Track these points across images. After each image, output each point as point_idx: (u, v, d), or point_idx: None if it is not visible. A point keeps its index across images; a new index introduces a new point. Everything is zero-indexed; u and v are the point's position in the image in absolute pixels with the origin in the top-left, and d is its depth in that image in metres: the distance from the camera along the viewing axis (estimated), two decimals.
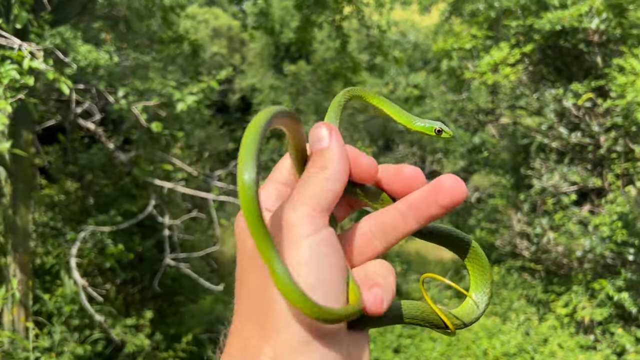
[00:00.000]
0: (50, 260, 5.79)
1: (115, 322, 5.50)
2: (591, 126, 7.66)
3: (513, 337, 7.03)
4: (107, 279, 6.40)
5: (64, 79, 3.67)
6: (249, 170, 0.48)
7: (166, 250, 5.76)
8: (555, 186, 8.02)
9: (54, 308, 5.44)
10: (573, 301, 7.54)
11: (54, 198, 6.19)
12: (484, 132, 11.37)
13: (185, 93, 5.01)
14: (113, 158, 5.94)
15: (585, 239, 7.44)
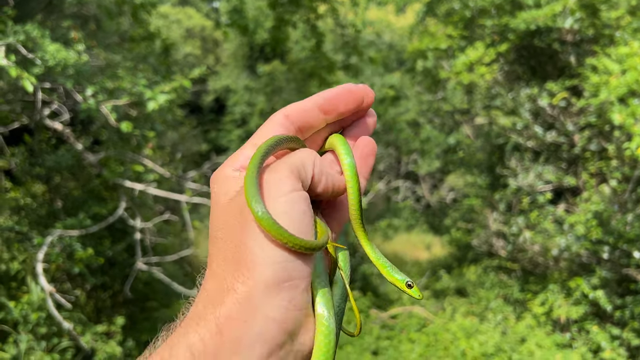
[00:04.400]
0: (16, 266, 5.55)
1: (85, 329, 5.30)
2: (566, 125, 7.71)
3: (491, 337, 7.02)
4: (77, 284, 6.18)
5: (27, 76, 3.50)
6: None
7: (138, 254, 5.57)
8: (530, 185, 8.06)
9: (19, 316, 5.21)
10: (549, 300, 7.57)
11: (20, 201, 5.95)
12: (459, 133, 11.41)
13: (156, 92, 4.85)
14: (82, 159, 5.74)
15: (560, 238, 7.48)
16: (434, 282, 9.76)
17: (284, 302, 0.55)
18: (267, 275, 0.55)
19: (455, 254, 10.78)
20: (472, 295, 8.73)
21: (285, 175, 0.59)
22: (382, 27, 16.33)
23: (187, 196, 5.42)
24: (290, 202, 0.58)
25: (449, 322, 7.59)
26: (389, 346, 6.85)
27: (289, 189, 0.59)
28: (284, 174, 0.59)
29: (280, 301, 0.55)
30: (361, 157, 0.71)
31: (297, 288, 0.56)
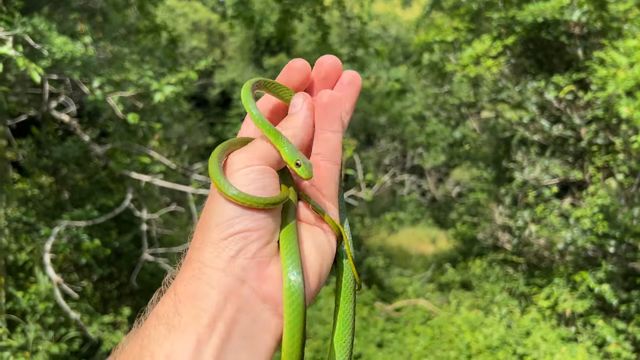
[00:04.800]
0: (24, 256, 5.60)
1: (92, 320, 5.34)
2: (572, 119, 7.67)
3: (496, 330, 7.03)
4: (84, 275, 6.23)
5: (34, 66, 3.51)
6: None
7: (144, 245, 5.60)
8: (536, 179, 8.04)
9: (27, 306, 5.26)
10: (554, 293, 7.56)
11: (27, 192, 5.99)
12: (464, 127, 11.38)
13: (163, 83, 4.86)
14: (88, 151, 5.76)
15: (566, 232, 7.46)
16: (439, 275, 9.77)
17: (231, 252, 0.62)
18: (214, 232, 0.62)
19: (461, 248, 10.77)
20: (477, 288, 8.73)
21: (246, 154, 0.68)
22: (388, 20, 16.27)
23: (194, 188, 5.44)
24: (249, 173, 0.65)
25: (454, 315, 7.60)
26: (393, 339, 6.87)
27: (248, 163, 0.66)
28: (245, 153, 0.68)
29: (228, 252, 0.62)
30: (342, 89, 0.77)
31: (247, 239, 0.63)
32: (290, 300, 0.62)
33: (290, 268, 0.63)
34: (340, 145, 0.73)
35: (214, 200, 0.65)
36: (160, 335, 0.58)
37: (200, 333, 0.58)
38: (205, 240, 0.63)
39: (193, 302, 0.60)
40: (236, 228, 0.63)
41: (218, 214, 0.63)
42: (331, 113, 0.73)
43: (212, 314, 0.59)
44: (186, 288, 0.61)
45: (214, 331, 0.59)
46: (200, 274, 0.61)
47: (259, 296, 0.63)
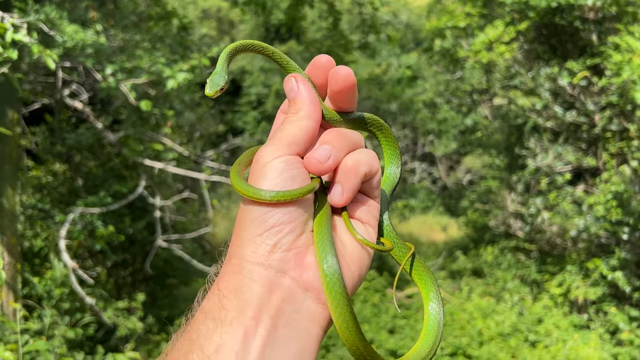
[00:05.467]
0: (39, 242, 5.66)
1: (107, 305, 5.40)
2: (586, 105, 7.60)
3: (507, 317, 7.02)
4: (98, 261, 6.29)
5: (49, 53, 3.53)
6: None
7: (157, 231, 5.64)
8: (549, 166, 7.98)
9: (43, 291, 5.33)
10: (567, 281, 7.54)
11: (42, 180, 6.04)
12: (476, 114, 11.30)
13: (175, 70, 4.86)
14: (102, 138, 5.79)
15: (579, 219, 7.41)
16: (450, 263, 9.76)
17: (267, 246, 0.64)
18: (250, 229, 0.65)
19: (472, 235, 10.74)
20: (488, 276, 8.72)
21: (271, 146, 0.69)
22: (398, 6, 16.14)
23: (206, 175, 5.46)
24: (278, 164, 0.67)
25: (466, 302, 7.60)
26: (405, 325, 6.89)
27: (275, 154, 0.67)
28: (271, 146, 0.69)
29: (264, 247, 0.64)
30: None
31: (282, 232, 0.65)
32: (329, 287, 0.64)
33: (323, 255, 0.65)
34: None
35: (245, 200, 0.67)
36: (209, 329, 0.60)
37: (246, 325, 0.60)
38: (242, 237, 0.65)
39: (237, 295, 0.62)
40: (270, 223, 0.64)
41: (251, 211, 0.65)
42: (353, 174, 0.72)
43: (256, 306, 0.61)
44: (229, 283, 0.63)
45: (260, 323, 0.60)
46: (241, 268, 0.64)
47: (300, 286, 0.64)
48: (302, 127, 0.69)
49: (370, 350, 0.65)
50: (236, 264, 0.64)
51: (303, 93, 0.71)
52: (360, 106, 13.08)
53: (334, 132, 0.72)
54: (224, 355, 0.58)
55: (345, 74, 0.71)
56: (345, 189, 0.70)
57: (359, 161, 0.70)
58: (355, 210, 0.74)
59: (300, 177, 0.67)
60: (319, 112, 0.71)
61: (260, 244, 0.64)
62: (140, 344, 5.43)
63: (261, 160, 0.67)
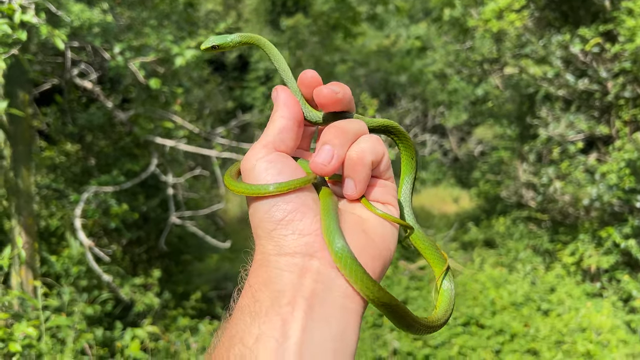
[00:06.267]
0: (55, 222, 5.74)
1: (124, 282, 5.50)
2: (599, 72, 7.48)
3: (520, 287, 7.05)
4: (113, 240, 6.38)
5: (58, 33, 3.53)
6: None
7: (171, 208, 5.70)
8: (561, 135, 7.91)
9: (61, 269, 5.43)
10: (579, 250, 7.54)
11: (55, 160, 6.10)
12: (487, 84, 11.17)
13: (183, 47, 4.85)
14: (112, 117, 5.81)
15: (592, 188, 7.38)
16: (462, 234, 9.77)
17: (287, 238, 0.65)
18: (262, 227, 0.67)
19: (484, 207, 10.73)
20: (500, 246, 8.73)
21: (254, 147, 0.72)
22: None
23: (217, 151, 5.48)
24: (261, 164, 0.69)
25: (478, 272, 7.63)
26: (417, 296, 6.95)
27: (258, 155, 0.70)
28: (254, 147, 0.72)
29: (283, 239, 0.65)
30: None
31: (294, 219, 0.66)
32: (346, 268, 0.64)
33: (330, 239, 0.65)
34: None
35: (248, 202, 0.69)
36: (246, 323, 0.62)
37: (282, 312, 0.61)
38: (259, 236, 0.67)
39: (268, 286, 0.63)
40: (278, 216, 0.66)
41: (257, 209, 0.67)
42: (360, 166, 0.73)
43: (289, 292, 0.62)
44: (258, 277, 0.65)
45: (296, 307, 0.61)
46: (267, 262, 0.65)
47: (329, 265, 0.65)
48: (275, 126, 0.71)
49: (391, 298, 0.67)
50: (262, 259, 0.66)
51: (278, 97, 0.74)
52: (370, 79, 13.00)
53: (332, 129, 0.72)
54: (264, 343, 0.59)
55: (326, 94, 0.73)
56: (356, 182, 0.72)
57: (364, 151, 0.71)
58: (371, 193, 0.75)
59: (286, 169, 0.69)
60: (293, 111, 0.73)
61: (277, 238, 0.65)
62: (157, 319, 5.53)
63: (246, 166, 0.70)
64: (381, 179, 0.76)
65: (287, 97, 0.74)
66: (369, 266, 0.67)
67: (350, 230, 0.69)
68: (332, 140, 0.71)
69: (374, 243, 0.69)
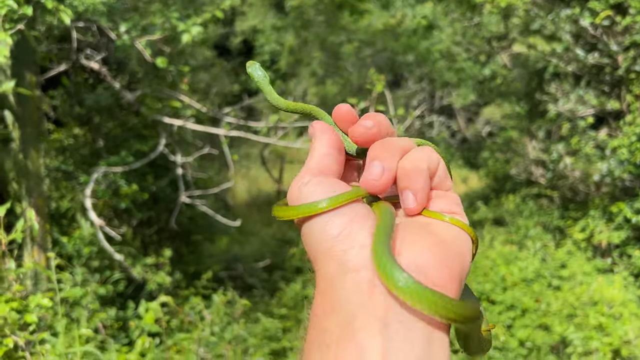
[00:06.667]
0: (66, 203, 5.76)
1: (135, 262, 5.52)
2: (609, 45, 7.39)
3: (530, 264, 7.04)
4: (123, 221, 6.40)
5: (63, 8, 3.51)
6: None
7: (180, 188, 5.71)
8: (571, 111, 7.84)
9: (73, 250, 5.46)
10: (590, 226, 7.51)
11: (63, 142, 6.12)
12: (494, 63, 11.08)
13: (189, 24, 4.82)
14: (120, 98, 5.81)
15: (602, 163, 7.33)
16: (471, 213, 9.75)
17: (346, 253, 0.59)
18: (320, 248, 0.61)
19: (493, 186, 10.69)
20: (510, 224, 8.71)
21: (300, 173, 0.68)
22: None
23: (225, 130, 5.46)
24: (309, 187, 0.65)
25: (488, 250, 7.62)
26: None
27: (305, 180, 0.66)
28: (300, 176, 0.68)
29: (343, 254, 0.59)
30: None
31: (352, 232, 0.60)
32: (420, 302, 0.55)
33: (388, 274, 0.56)
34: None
35: (301, 227, 0.65)
36: (321, 358, 0.57)
37: (357, 339, 0.54)
38: (318, 259, 0.62)
39: (336, 313, 0.57)
40: (334, 232, 0.61)
41: (311, 231, 0.63)
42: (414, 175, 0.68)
43: (360, 315, 0.56)
44: (324, 306, 0.59)
45: (371, 330, 0.55)
46: (330, 286, 0.59)
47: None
48: (316, 154, 0.68)
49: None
50: (324, 284, 0.60)
51: (315, 129, 0.71)
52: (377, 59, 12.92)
53: (379, 144, 0.67)
54: None
55: (360, 132, 0.69)
56: (415, 192, 0.64)
57: (417, 159, 0.65)
58: (432, 206, 0.67)
59: (336, 186, 0.65)
60: (331, 139, 0.70)
61: (337, 254, 0.60)
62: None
63: (291, 195, 0.66)
64: (440, 191, 0.68)
65: (324, 127, 0.71)
66: (444, 272, 0.59)
67: (416, 234, 0.62)
68: (380, 155, 0.66)
69: (446, 244, 0.61)
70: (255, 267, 7.62)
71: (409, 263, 0.57)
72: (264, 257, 8.03)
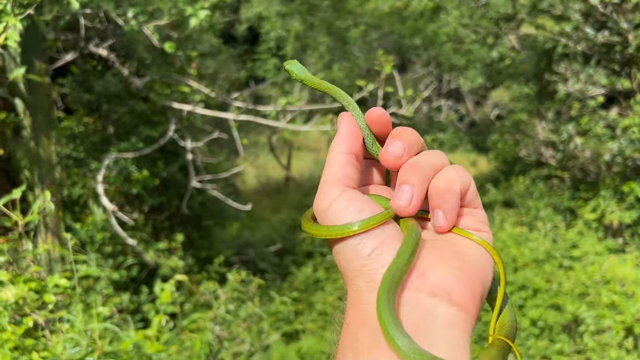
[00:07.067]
0: (78, 190, 5.80)
1: (148, 247, 5.57)
2: (619, 23, 7.30)
3: (541, 244, 7.03)
4: (134, 207, 6.44)
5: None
6: None
7: (191, 173, 5.73)
8: (581, 91, 7.78)
9: (86, 236, 5.50)
10: (601, 206, 7.47)
11: (74, 130, 6.15)
12: (502, 46, 10.99)
13: (197, 8, 4.81)
14: (129, 84, 5.82)
15: (613, 143, 7.28)
16: (480, 196, 9.69)
17: (377, 272, 0.62)
18: (351, 266, 0.65)
19: (502, 168, 10.65)
20: (520, 206, 8.68)
21: (327, 185, 0.69)
22: None
23: (234, 114, 5.47)
24: (339, 203, 0.67)
25: (499, 231, 7.61)
26: None
27: (334, 195, 0.67)
28: (323, 191, 0.69)
29: (373, 273, 0.63)
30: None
31: (382, 253, 0.64)
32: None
33: (390, 334, 0.58)
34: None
35: (332, 244, 0.67)
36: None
37: (386, 349, 0.57)
38: (350, 277, 0.65)
39: (366, 325, 0.61)
40: (366, 252, 0.64)
41: (344, 251, 0.65)
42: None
43: None
44: (355, 316, 0.63)
45: None
46: (360, 299, 0.63)
47: (426, 293, 0.61)
48: (337, 162, 0.69)
49: None
50: (355, 297, 0.64)
51: (340, 129, 0.72)
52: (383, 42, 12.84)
53: (410, 166, 0.69)
54: None
55: (389, 161, 0.70)
56: (446, 212, 0.67)
57: (450, 180, 0.67)
58: (460, 223, 0.70)
59: (364, 206, 0.67)
60: (352, 146, 0.70)
61: (368, 273, 0.63)
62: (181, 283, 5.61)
63: (321, 208, 0.68)
64: (469, 208, 0.71)
65: (349, 130, 0.71)
66: (467, 293, 0.62)
67: (442, 257, 0.64)
68: (411, 180, 0.67)
69: (469, 266, 0.64)
70: (266, 252, 7.67)
71: (432, 284, 0.61)
72: (275, 242, 8.07)
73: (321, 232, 0.67)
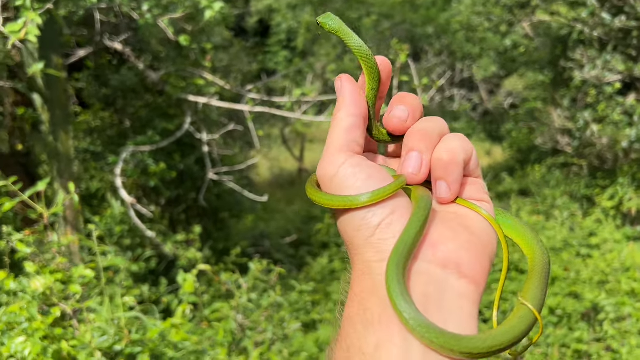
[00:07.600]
0: (96, 184, 5.86)
1: (166, 239, 5.62)
2: (636, 8, 7.20)
3: (558, 233, 6.98)
4: (152, 201, 6.50)
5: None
6: None
7: (207, 165, 5.76)
8: (597, 77, 7.69)
9: (105, 230, 5.56)
10: (619, 193, 7.40)
11: (91, 124, 6.20)
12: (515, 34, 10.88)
13: (212, 0, 4.82)
14: (144, 78, 5.85)
15: (630, 129, 7.21)
16: (496, 185, 9.67)
17: (386, 242, 0.61)
18: (360, 236, 0.63)
19: (517, 157, 10.58)
20: (536, 194, 8.62)
21: (331, 152, 0.67)
22: None
23: (250, 106, 5.48)
24: (347, 169, 0.65)
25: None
26: None
27: (341, 161, 0.65)
28: (331, 152, 0.67)
29: (383, 243, 0.61)
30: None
31: (392, 223, 0.62)
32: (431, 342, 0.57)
33: (396, 303, 0.57)
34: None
35: (338, 213, 0.65)
36: (360, 333, 0.58)
37: (397, 320, 0.57)
38: (357, 246, 0.63)
39: (375, 294, 0.59)
40: (375, 221, 0.62)
41: (351, 220, 0.64)
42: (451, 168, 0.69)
43: None
44: (363, 286, 0.61)
45: None
46: (369, 270, 0.61)
47: (437, 265, 0.61)
48: (343, 126, 0.67)
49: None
50: (363, 267, 0.62)
51: (343, 90, 0.69)
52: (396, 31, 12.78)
53: (416, 133, 0.68)
54: (387, 350, 0.56)
55: (394, 124, 0.69)
56: (450, 184, 0.66)
57: (454, 150, 0.66)
58: (463, 193, 0.69)
59: (373, 172, 0.65)
60: (360, 107, 0.68)
61: (377, 243, 0.61)
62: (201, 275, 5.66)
63: (326, 175, 0.66)
64: (470, 177, 0.70)
65: (353, 92, 0.69)
66: (477, 266, 0.61)
67: (452, 229, 0.64)
68: (419, 146, 0.66)
69: (478, 239, 0.64)
70: (281, 243, 7.70)
71: (444, 256, 0.61)
72: (290, 234, 8.10)
73: (328, 201, 0.64)
